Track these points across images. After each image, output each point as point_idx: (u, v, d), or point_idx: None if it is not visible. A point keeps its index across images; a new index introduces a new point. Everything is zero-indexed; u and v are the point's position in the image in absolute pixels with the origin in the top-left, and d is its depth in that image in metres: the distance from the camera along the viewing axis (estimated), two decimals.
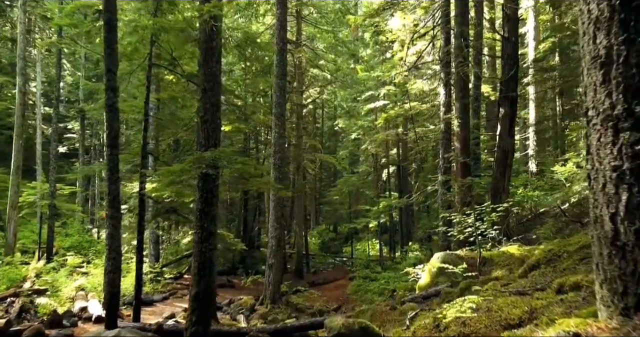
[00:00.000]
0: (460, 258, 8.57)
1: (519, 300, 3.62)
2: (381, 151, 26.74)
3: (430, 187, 14.04)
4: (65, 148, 34.39)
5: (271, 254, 14.44)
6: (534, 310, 3.15)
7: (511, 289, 4.54)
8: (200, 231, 6.89)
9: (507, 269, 7.51)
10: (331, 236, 35.30)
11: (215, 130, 7.07)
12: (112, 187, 8.23)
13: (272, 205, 14.54)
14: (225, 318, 13.05)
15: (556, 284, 3.63)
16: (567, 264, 5.05)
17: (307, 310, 14.81)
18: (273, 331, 8.23)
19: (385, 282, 16.85)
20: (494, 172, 12.73)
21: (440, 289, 7.79)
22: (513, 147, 12.67)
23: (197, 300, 6.73)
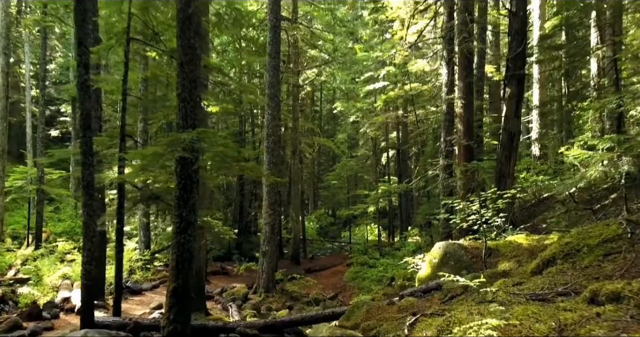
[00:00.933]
0: (463, 248, 7.96)
1: (540, 310, 2.99)
2: (380, 134, 26.00)
3: (431, 172, 13.38)
4: (58, 131, 33.66)
5: (265, 241, 13.87)
6: (564, 327, 2.52)
7: (527, 292, 3.90)
8: (179, 221, 6.25)
9: (515, 261, 6.90)
10: (329, 221, 34.82)
11: (194, 109, 6.38)
12: (86, 172, 7.56)
13: (266, 190, 13.91)
14: (216, 308, 12.52)
15: (588, 292, 2.99)
16: (589, 261, 4.42)
17: (302, 298, 14.31)
18: (262, 326, 7.66)
19: (384, 269, 16.33)
20: (499, 156, 12.04)
21: (441, 283, 7.19)
22: (519, 129, 11.97)
23: (176, 296, 6.12)
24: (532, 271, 5.20)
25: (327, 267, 20.07)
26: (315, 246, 27.63)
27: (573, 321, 2.57)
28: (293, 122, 21.04)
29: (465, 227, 8.65)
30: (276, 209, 14.12)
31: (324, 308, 13.48)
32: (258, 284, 13.88)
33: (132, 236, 18.97)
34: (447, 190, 12.39)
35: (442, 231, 12.27)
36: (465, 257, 7.74)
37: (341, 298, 15.22)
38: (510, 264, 6.87)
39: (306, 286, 15.37)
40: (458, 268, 7.68)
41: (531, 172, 20.37)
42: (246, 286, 14.88)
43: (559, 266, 4.70)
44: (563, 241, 5.15)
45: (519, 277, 5.18)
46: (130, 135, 8.53)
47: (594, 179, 7.71)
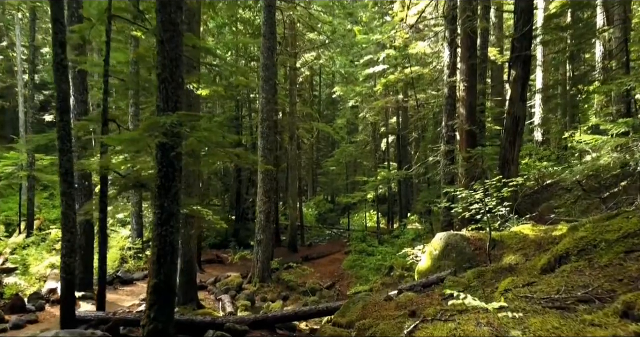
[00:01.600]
0: (465, 239, 7.52)
1: (562, 323, 2.55)
2: (380, 119, 25.44)
3: (432, 158, 12.89)
4: (52, 116, 33.07)
5: (260, 230, 13.45)
6: None
7: (541, 295, 3.45)
8: (160, 212, 5.78)
9: (521, 254, 6.46)
10: (328, 207, 34.43)
11: (176, 90, 5.86)
12: (64, 158, 7.08)
13: (261, 177, 13.44)
14: (209, 299, 12.16)
15: (621, 303, 2.54)
16: (608, 259, 3.96)
17: (298, 288, 13.95)
18: (252, 321, 7.26)
19: (382, 258, 15.96)
20: (502, 142, 11.54)
21: (443, 276, 6.76)
22: (524, 113, 11.44)
23: (157, 292, 5.69)
24: (543, 268, 4.75)
25: (325, 254, 19.71)
26: (314, 233, 27.27)
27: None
28: (290, 106, 20.47)
29: (468, 217, 8.20)
30: (271, 196, 13.67)
31: (320, 298, 13.15)
32: (253, 274, 13.51)
33: (126, 223, 18.56)
34: (448, 177, 11.92)
35: (443, 219, 11.84)
36: (468, 249, 7.30)
37: (338, 287, 14.87)
38: (516, 257, 6.43)
39: (302, 275, 15.01)
40: (460, 261, 7.25)
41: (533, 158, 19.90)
42: (241, 275, 14.52)
43: (574, 264, 4.24)
44: (577, 235, 4.68)
45: (529, 275, 4.73)
46: (113, 119, 8.01)
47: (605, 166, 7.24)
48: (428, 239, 15.83)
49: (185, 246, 10.40)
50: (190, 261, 10.45)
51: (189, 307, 10.17)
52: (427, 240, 15.80)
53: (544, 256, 5.06)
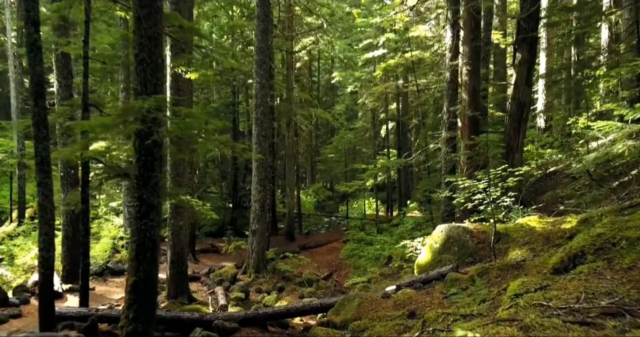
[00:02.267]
0: (468, 232, 7.09)
1: None
2: (380, 106, 24.91)
3: (433, 146, 12.42)
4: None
5: (255, 219, 13.03)
6: None
7: (558, 304, 3.01)
8: (139, 204, 5.33)
9: (528, 249, 6.04)
10: (327, 194, 34.04)
11: (155, 72, 5.36)
12: (40, 146, 6.61)
13: (255, 165, 12.98)
14: (202, 290, 11.78)
15: None
16: (631, 260, 3.53)
17: (294, 278, 13.59)
18: (242, 318, 6.87)
19: (381, 247, 15.59)
20: (507, 128, 11.07)
21: (444, 272, 6.35)
22: (530, 98, 10.96)
23: (136, 291, 5.27)
24: (555, 267, 4.32)
25: (323, 243, 19.35)
26: (312, 221, 26.93)
27: None
28: (287, 92, 19.91)
29: (470, 208, 7.77)
30: (266, 185, 13.23)
31: (316, 289, 12.79)
32: (248, 264, 13.13)
33: (119, 212, 18.17)
34: (449, 165, 11.47)
35: (444, 208, 11.42)
36: (471, 242, 6.89)
37: (336, 278, 14.52)
38: (523, 252, 6.01)
39: (299, 265, 14.65)
40: (462, 255, 6.84)
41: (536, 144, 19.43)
42: (235, 266, 14.15)
43: (592, 264, 3.81)
44: (594, 232, 4.24)
45: (540, 276, 4.31)
46: (95, 104, 7.51)
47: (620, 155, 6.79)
48: (428, 228, 15.47)
49: (175, 237, 9.99)
50: (180, 253, 10.04)
51: (179, 301, 9.80)
52: (427, 229, 15.45)
53: (556, 254, 4.62)
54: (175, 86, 9.81)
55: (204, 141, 5.56)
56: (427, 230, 14.88)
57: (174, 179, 9.88)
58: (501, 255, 6.33)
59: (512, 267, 5.26)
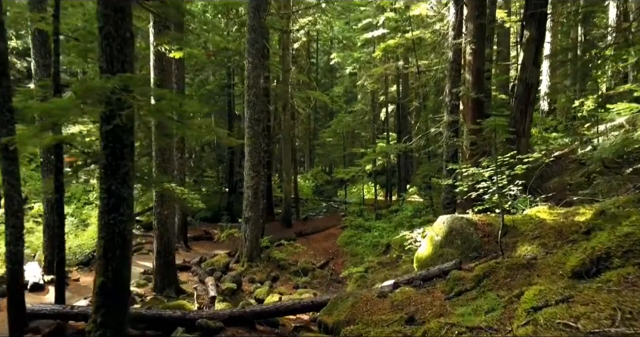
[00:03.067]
0: (472, 224, 6.55)
1: None
2: (379, 88, 24.16)
3: (434, 130, 11.82)
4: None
5: (248, 207, 12.50)
6: None
7: (588, 326, 2.48)
8: (107, 196, 4.77)
9: (539, 244, 5.50)
10: (326, 179, 33.51)
11: (123, 48, 4.74)
12: (4, 131, 6.04)
13: (248, 150, 12.39)
14: (192, 281, 11.32)
15: None
16: None
17: (290, 267, 13.14)
18: (228, 316, 6.37)
19: (379, 235, 15.10)
20: (512, 111, 10.46)
21: (446, 268, 5.83)
22: (537, 79, 10.33)
23: (105, 293, 4.74)
24: (575, 270, 3.77)
25: (320, 229, 18.88)
26: (310, 206, 26.46)
27: None
28: (283, 73, 19.20)
29: (474, 197, 7.21)
30: (260, 171, 12.66)
31: (312, 279, 12.34)
32: (241, 253, 12.66)
33: None
34: (451, 150, 10.88)
35: (445, 196, 10.87)
36: (475, 236, 6.35)
37: (332, 266, 14.07)
38: (534, 247, 5.47)
39: (295, 253, 14.20)
40: (465, 249, 6.31)
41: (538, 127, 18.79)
42: (229, 254, 13.68)
43: (621, 271, 3.27)
44: (620, 231, 3.69)
45: (557, 279, 3.77)
46: (67, 85, 6.89)
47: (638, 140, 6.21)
48: (428, 214, 14.96)
49: (161, 227, 9.47)
50: (167, 243, 9.54)
51: (166, 294, 9.34)
52: (427, 216, 14.94)
53: (574, 253, 4.08)
54: (159, 66, 9.17)
55: (182, 126, 4.98)
56: (427, 217, 14.38)
57: (160, 165, 9.31)
58: (509, 250, 5.79)
59: (522, 267, 4.72)
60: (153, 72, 9.22)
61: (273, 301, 8.59)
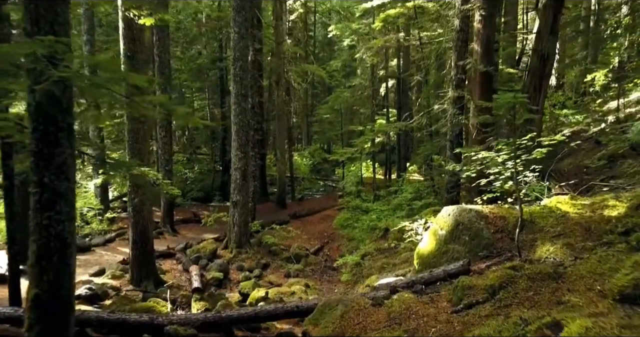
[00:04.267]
0: (481, 217, 5.67)
1: None
2: (379, 61, 22.98)
3: (438, 106, 10.84)
4: None
5: (236, 190, 11.65)
6: None
7: None
8: (39, 191, 3.88)
9: (563, 245, 4.63)
10: (324, 157, 32.55)
11: (53, 6, 3.77)
12: None
13: (235, 129, 11.44)
14: (175, 270, 10.55)
15: None
16: None
17: (282, 253, 12.38)
18: (201, 322, 5.57)
19: (377, 217, 14.29)
20: (525, 86, 9.47)
21: (452, 271, 4.99)
22: (555, 50, 9.29)
23: (39, 308, 3.90)
24: (623, 292, 2.91)
25: (316, 211, 18.08)
26: (307, 185, 25.63)
27: None
28: (276, 46, 18.03)
29: (485, 184, 6.31)
30: (248, 151, 11.72)
31: (305, 266, 11.57)
32: (229, 238, 11.87)
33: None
34: (456, 129, 9.92)
35: (449, 179, 9.96)
36: (486, 231, 5.48)
37: (327, 251, 13.32)
38: (557, 249, 4.60)
39: (288, 237, 13.40)
40: (474, 247, 5.45)
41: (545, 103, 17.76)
42: (218, 239, 12.91)
43: None
44: None
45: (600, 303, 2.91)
46: None
47: None
48: (429, 197, 14.10)
49: (136, 214, 8.61)
50: (143, 231, 8.69)
51: (143, 287, 8.56)
52: (428, 198, 14.08)
53: (622, 270, 3.20)
54: (129, 35, 8.14)
55: (130, 104, 4.05)
56: (428, 199, 13.54)
57: (132, 147, 8.39)
58: (526, 250, 4.94)
59: (547, 277, 3.87)
60: (122, 41, 8.21)
61: (259, 295, 7.82)
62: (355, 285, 9.79)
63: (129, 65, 8.22)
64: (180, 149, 28.89)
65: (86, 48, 13.14)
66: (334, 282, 10.54)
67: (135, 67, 8.23)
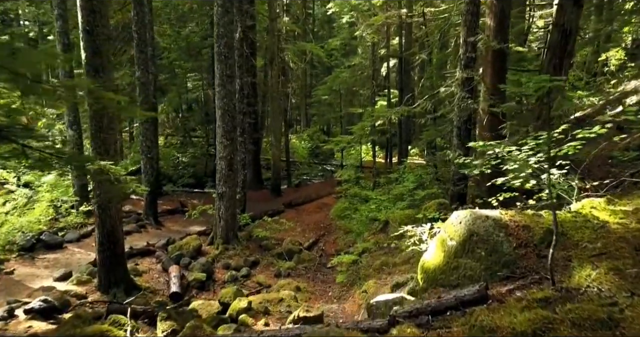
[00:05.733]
0: (501, 227, 4.65)
1: None
2: (381, 39, 21.69)
3: (444, 89, 9.72)
4: None
5: (221, 180, 10.65)
6: None
7: None
8: None
9: (609, 269, 3.62)
10: (323, 139, 31.46)
11: None
12: None
13: (219, 113, 10.38)
14: (153, 270, 9.61)
15: None
16: None
17: (274, 248, 11.47)
18: None
19: (377, 208, 13.29)
20: (544, 65, 8.34)
21: (466, 298, 3.99)
22: (578, 24, 8.15)
23: None
24: None
25: (313, 199, 17.13)
26: (304, 170, 24.65)
27: None
28: (270, 22, 16.79)
29: (501, 183, 5.29)
30: (235, 137, 10.64)
31: (297, 263, 10.65)
32: (215, 233, 10.93)
33: None
34: (464, 114, 8.83)
35: (455, 170, 8.91)
36: (506, 245, 4.47)
37: (322, 245, 12.39)
38: (601, 275, 3.59)
39: (280, 230, 12.45)
40: (492, 263, 4.46)
41: None
42: (204, 233, 11.99)
43: None
44: None
45: None
46: None
47: None
48: (432, 187, 13.05)
49: (103, 213, 7.63)
50: (112, 231, 7.73)
51: (111, 294, 7.64)
52: (431, 188, 13.05)
53: None
54: (88, 6, 7.02)
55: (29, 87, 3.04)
56: (432, 189, 12.52)
57: (96, 136, 7.36)
58: (558, 271, 3.94)
59: (600, 325, 2.88)
60: (80, 14, 7.10)
61: (240, 306, 6.87)
62: (352, 288, 8.87)
63: (88, 42, 7.14)
64: (173, 131, 27.83)
65: (58, 23, 11.97)
66: (329, 282, 9.63)
67: (95, 43, 7.16)
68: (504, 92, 8.33)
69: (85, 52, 7.18)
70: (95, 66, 7.22)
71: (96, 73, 7.19)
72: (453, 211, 8.62)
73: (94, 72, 7.20)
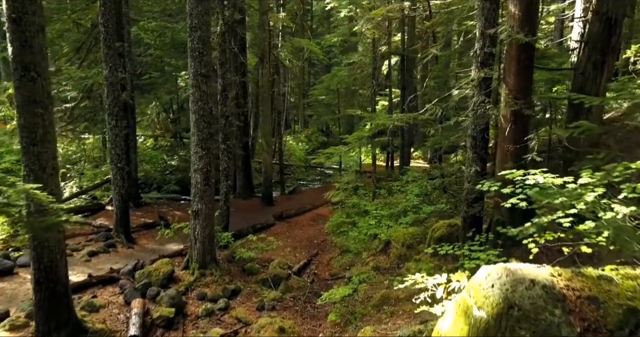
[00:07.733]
0: (554, 299, 3.20)
1: None
2: (382, 35, 20.22)
3: (457, 91, 8.24)
4: None
5: (196, 196, 9.22)
6: None
7: None
8: None
9: None
10: (321, 140, 30.04)
11: None
12: None
13: (194, 119, 8.93)
14: (113, 304, 8.16)
15: None
16: None
17: (258, 272, 10.06)
18: None
19: (377, 224, 11.81)
20: (581, 64, 6.90)
21: None
22: (625, 12, 6.70)
23: None
24: None
25: (308, 209, 15.70)
26: (300, 174, 23.24)
27: None
28: (260, 16, 15.33)
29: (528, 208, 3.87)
30: (210, 147, 9.18)
31: (284, 292, 9.21)
32: (190, 256, 9.50)
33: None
34: (481, 122, 7.35)
35: (469, 188, 7.45)
36: (566, 329, 3.03)
37: (315, 268, 10.98)
38: None
39: (266, 250, 11.02)
40: None
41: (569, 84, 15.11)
42: (178, 255, 10.56)
43: None
44: None
45: None
46: None
47: None
48: (439, 201, 11.63)
49: (39, 245, 6.21)
50: (50, 267, 6.30)
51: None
52: (439, 204, 11.63)
53: None
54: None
55: None
56: (439, 205, 11.09)
57: (28, 151, 5.93)
58: None
59: None
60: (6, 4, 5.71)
61: None
62: (346, 329, 7.45)
63: (15, 33, 5.73)
64: (163, 132, 26.44)
65: None
66: (320, 319, 8.21)
67: (24, 34, 5.76)
68: (530, 95, 6.90)
69: (12, 46, 5.77)
70: (25, 63, 5.81)
71: (26, 71, 5.78)
72: (467, 240, 7.11)
73: (24, 70, 5.79)
